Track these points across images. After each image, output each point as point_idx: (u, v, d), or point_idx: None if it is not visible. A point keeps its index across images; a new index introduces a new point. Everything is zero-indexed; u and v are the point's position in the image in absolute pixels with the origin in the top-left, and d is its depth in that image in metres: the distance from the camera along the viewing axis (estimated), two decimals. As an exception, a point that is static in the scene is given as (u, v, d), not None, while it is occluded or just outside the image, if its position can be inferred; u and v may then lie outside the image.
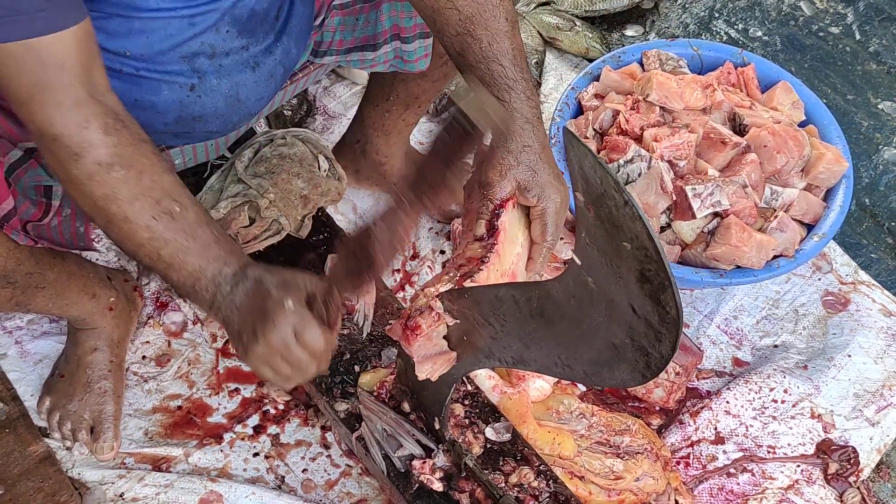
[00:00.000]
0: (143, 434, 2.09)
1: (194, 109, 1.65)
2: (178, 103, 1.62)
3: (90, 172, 1.35)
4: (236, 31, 1.61)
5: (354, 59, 1.96)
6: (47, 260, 1.77)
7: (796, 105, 2.31)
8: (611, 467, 1.93)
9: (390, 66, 1.97)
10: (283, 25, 1.70)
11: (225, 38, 1.61)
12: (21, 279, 1.70)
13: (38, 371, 2.14)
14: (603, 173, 1.03)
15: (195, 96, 1.63)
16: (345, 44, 1.94)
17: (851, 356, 2.23)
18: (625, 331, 1.15)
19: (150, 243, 1.40)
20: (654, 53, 2.36)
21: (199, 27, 1.55)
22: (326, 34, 1.92)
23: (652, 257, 1.03)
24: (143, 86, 1.58)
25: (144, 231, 1.39)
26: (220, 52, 1.61)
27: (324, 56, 1.96)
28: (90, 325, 2.03)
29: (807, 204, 2.16)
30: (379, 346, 1.96)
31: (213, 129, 1.71)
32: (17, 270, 1.68)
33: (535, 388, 2.01)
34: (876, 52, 2.87)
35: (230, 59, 1.63)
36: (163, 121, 1.63)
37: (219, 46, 1.60)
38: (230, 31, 1.61)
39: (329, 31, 1.92)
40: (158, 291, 2.26)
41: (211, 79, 1.62)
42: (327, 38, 1.93)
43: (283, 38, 1.71)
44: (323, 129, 2.59)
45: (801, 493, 2.05)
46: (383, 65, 1.96)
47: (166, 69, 1.57)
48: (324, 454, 2.07)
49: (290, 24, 1.72)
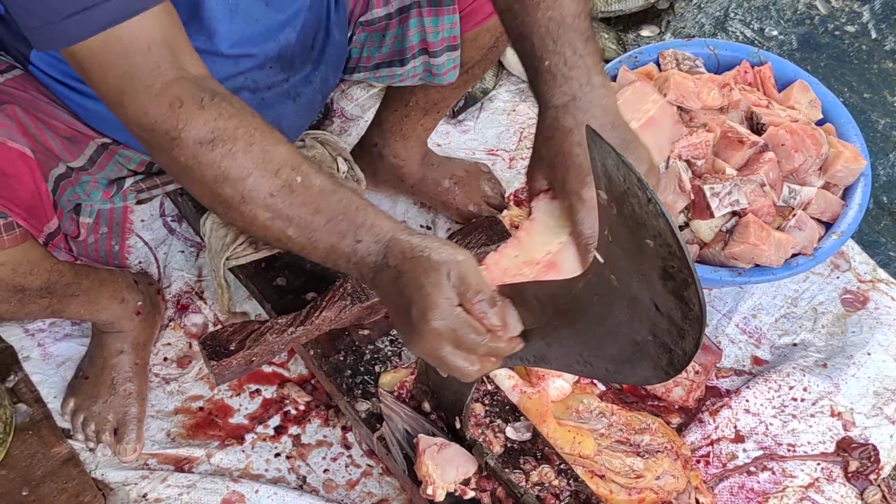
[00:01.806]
0: (166, 435, 2.09)
1: None
2: None
3: (193, 154, 1.25)
4: (279, 67, 1.62)
5: (383, 75, 1.96)
6: (84, 269, 1.78)
7: (813, 104, 2.30)
8: (631, 466, 1.93)
9: (419, 79, 1.96)
10: (319, 54, 1.71)
11: (268, 74, 1.62)
12: (60, 289, 1.71)
13: (60, 373, 2.14)
14: (626, 171, 1.03)
15: None
16: (372, 60, 1.94)
17: (871, 354, 2.22)
18: (647, 328, 1.15)
19: (275, 224, 1.28)
20: (671, 53, 2.36)
21: (243, 66, 1.55)
22: (354, 51, 1.92)
23: (675, 254, 1.03)
24: None
25: (264, 210, 1.27)
26: (262, 87, 1.61)
27: (353, 73, 1.96)
28: (117, 329, 2.04)
29: (825, 202, 2.16)
30: (399, 345, 1.97)
31: None
32: (58, 282, 1.69)
33: (554, 387, 2.01)
34: (892, 50, 2.86)
35: (272, 93, 1.63)
36: None
37: (262, 81, 1.60)
38: (273, 68, 1.61)
39: (356, 48, 1.92)
40: (179, 294, 2.27)
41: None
42: (355, 55, 1.93)
43: (320, 66, 1.71)
44: (340, 131, 2.59)
45: (821, 491, 2.04)
46: (412, 79, 1.95)
47: None
48: (345, 454, 2.07)
49: (326, 52, 1.72)
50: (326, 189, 1.28)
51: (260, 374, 2.17)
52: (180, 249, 2.34)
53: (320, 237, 1.28)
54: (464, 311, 1.22)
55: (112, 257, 1.76)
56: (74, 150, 1.59)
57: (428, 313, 1.21)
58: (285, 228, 1.28)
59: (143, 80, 1.25)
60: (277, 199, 1.26)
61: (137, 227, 2.35)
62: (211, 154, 1.25)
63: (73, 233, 1.66)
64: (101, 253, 1.73)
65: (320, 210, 1.27)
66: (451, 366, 1.25)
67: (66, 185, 1.60)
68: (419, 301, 1.22)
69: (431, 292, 1.21)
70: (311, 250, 1.30)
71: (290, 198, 1.26)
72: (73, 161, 1.60)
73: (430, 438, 1.77)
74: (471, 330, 1.22)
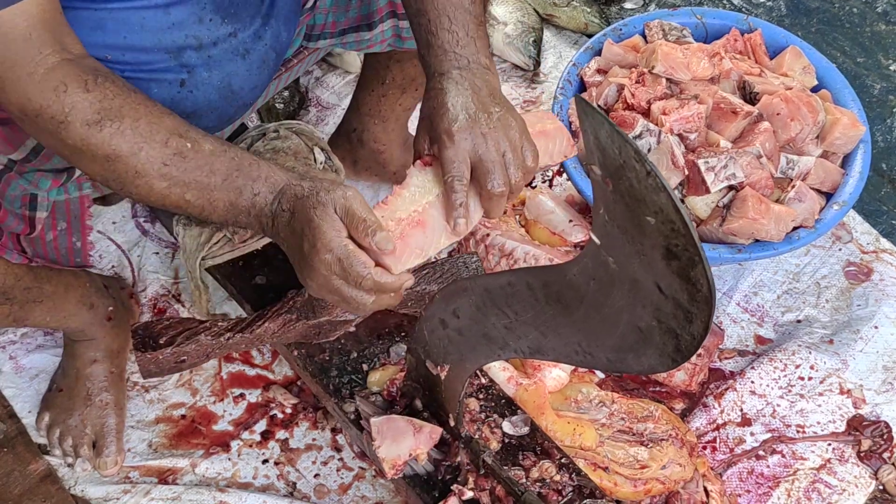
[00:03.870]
0: (147, 446, 2.03)
1: (187, 105, 1.57)
2: (169, 101, 1.54)
3: (82, 136, 1.28)
4: (220, 18, 1.54)
5: (350, 42, 1.89)
6: (45, 273, 1.72)
7: (807, 70, 2.24)
8: (635, 456, 1.88)
9: (388, 45, 1.89)
10: (269, 8, 1.63)
11: (209, 28, 1.53)
12: (19, 294, 1.65)
13: (34, 386, 2.08)
14: (622, 142, 0.96)
15: (186, 92, 1.56)
16: (338, 25, 1.87)
17: (878, 327, 2.16)
18: (651, 313, 1.08)
19: (173, 192, 1.33)
20: (657, 24, 2.29)
21: (178, 16, 1.48)
22: (319, 17, 1.85)
23: (679, 231, 0.96)
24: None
25: (160, 180, 1.32)
26: (206, 43, 1.54)
27: (317, 40, 1.90)
28: (88, 337, 1.97)
29: (824, 172, 2.09)
30: (387, 342, 1.90)
31: (208, 124, 1.64)
32: (15, 286, 1.63)
33: (551, 377, 1.96)
34: (884, 11, 2.79)
35: (218, 49, 1.56)
36: None
37: (204, 37, 1.53)
38: (213, 19, 1.53)
39: (321, 14, 1.85)
40: (156, 297, 2.20)
41: (201, 72, 1.55)
42: (320, 21, 1.86)
43: (270, 21, 1.64)
44: (317, 120, 2.52)
45: (833, 472, 1.99)
46: (380, 44, 1.89)
47: (152, 67, 1.50)
48: (335, 457, 2.02)
49: (276, 6, 1.65)
50: (217, 150, 1.34)
51: (243, 377, 2.11)
52: (154, 251, 2.27)
53: (218, 196, 1.34)
54: (351, 242, 1.29)
55: (74, 254, 1.71)
56: (14, 141, 1.52)
57: (317, 244, 1.29)
58: (183, 194, 1.33)
59: (24, 68, 1.27)
60: (171, 168, 1.31)
61: (109, 230, 2.29)
62: (100, 134, 1.28)
63: (24, 230, 1.60)
64: (62, 251, 1.68)
65: (215, 171, 1.33)
66: (344, 297, 1.32)
67: (9, 180, 1.54)
68: (309, 235, 1.30)
69: (320, 224, 1.29)
70: (211, 211, 1.35)
71: (182, 163, 1.32)
72: (13, 153, 1.53)
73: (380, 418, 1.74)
74: (357, 261, 1.29)
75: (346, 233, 1.29)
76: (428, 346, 1.59)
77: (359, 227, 1.29)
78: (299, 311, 1.77)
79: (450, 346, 1.53)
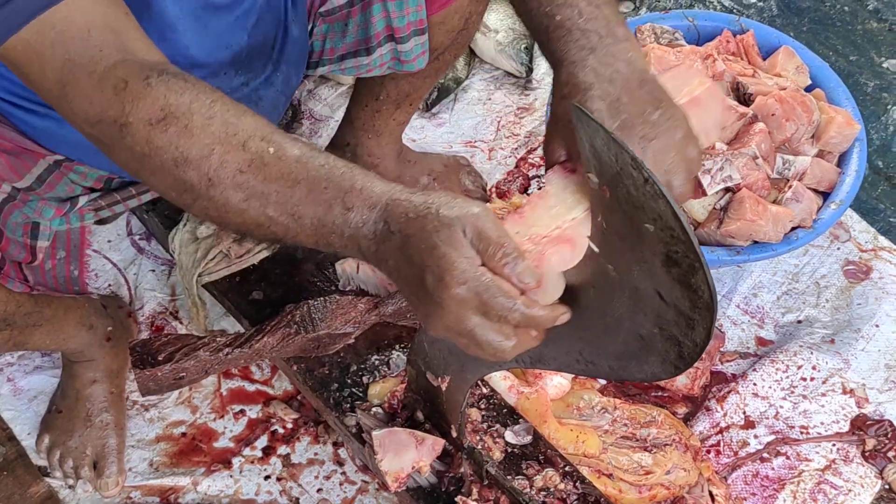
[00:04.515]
0: (148, 465, 2.01)
1: None
2: None
3: (146, 138, 1.11)
4: (234, 71, 1.53)
5: (349, 67, 1.87)
6: (44, 298, 1.70)
7: (800, 69, 2.23)
8: (639, 462, 1.86)
9: (387, 68, 1.87)
10: (279, 54, 1.62)
11: (223, 80, 1.52)
12: (20, 320, 1.63)
13: (33, 408, 2.06)
14: (618, 150, 0.95)
15: None
16: (336, 51, 1.85)
17: (879, 326, 2.15)
18: (652, 320, 1.07)
19: (251, 205, 1.12)
20: (649, 27, 2.28)
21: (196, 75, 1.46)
22: (316, 43, 1.83)
23: (678, 238, 0.95)
24: None
25: (236, 191, 1.12)
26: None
27: (317, 67, 1.88)
28: (87, 357, 1.96)
29: (821, 171, 2.08)
30: (387, 354, 1.89)
31: None
32: (16, 313, 1.61)
33: (553, 385, 1.94)
34: (875, 9, 2.79)
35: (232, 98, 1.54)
36: None
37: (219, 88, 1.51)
38: (228, 73, 1.52)
39: (318, 41, 1.83)
40: (153, 315, 2.19)
41: None
42: (317, 48, 1.84)
43: (281, 66, 1.63)
44: (310, 133, 2.51)
45: (839, 473, 1.97)
46: (379, 68, 1.86)
47: None
48: (338, 471, 2.00)
49: (286, 52, 1.64)
50: (304, 156, 1.12)
51: (243, 393, 2.10)
52: (151, 269, 2.26)
53: (304, 211, 1.11)
54: (488, 271, 1.05)
55: (71, 283, 1.68)
56: (20, 169, 1.50)
57: (446, 277, 1.04)
58: (263, 208, 1.12)
59: (84, 67, 1.13)
60: (248, 176, 1.11)
61: (104, 249, 2.27)
62: (165, 135, 1.11)
63: (26, 259, 1.58)
64: (61, 280, 1.66)
65: (300, 180, 1.11)
66: (481, 341, 1.07)
67: (12, 209, 1.51)
68: (433, 265, 1.05)
69: (447, 252, 1.04)
70: (297, 230, 1.13)
71: (263, 171, 1.11)
72: (19, 181, 1.51)
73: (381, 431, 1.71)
74: (499, 292, 1.04)
75: (480, 260, 1.05)
76: (428, 358, 1.58)
77: (496, 255, 1.04)
78: (298, 324, 1.76)
79: (450, 357, 1.52)
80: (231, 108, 1.14)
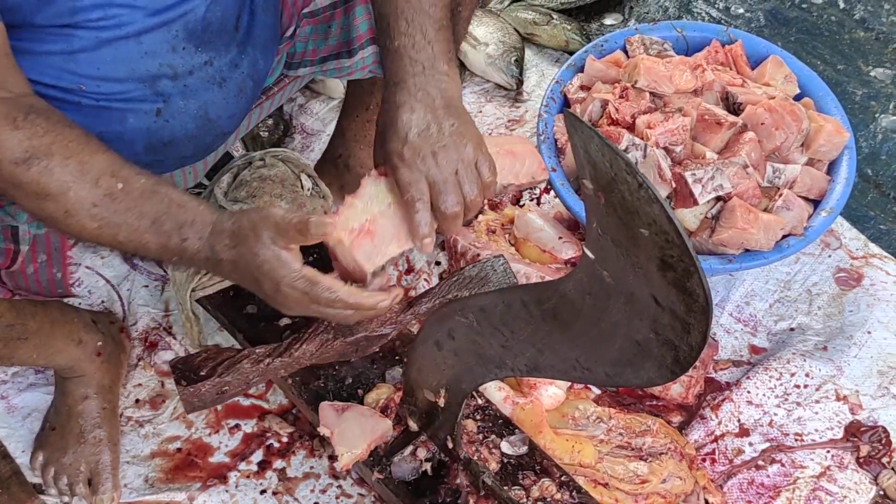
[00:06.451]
0: (144, 481, 2.00)
1: (163, 135, 1.56)
2: (145, 130, 1.53)
3: (10, 175, 1.26)
4: (194, 47, 1.53)
5: (331, 69, 1.88)
6: (28, 309, 1.69)
7: (789, 78, 2.24)
8: (635, 471, 1.87)
9: (369, 71, 1.88)
10: (245, 36, 1.62)
11: (184, 56, 1.52)
12: (2, 332, 1.63)
13: (27, 426, 2.05)
14: (612, 156, 0.95)
15: (162, 121, 1.55)
16: (318, 53, 1.86)
17: (871, 332, 2.16)
18: (648, 325, 1.07)
19: (104, 232, 1.31)
20: (638, 39, 2.29)
21: (150, 45, 1.47)
22: (299, 45, 1.84)
23: (673, 242, 0.96)
24: (106, 117, 1.49)
25: (91, 221, 1.30)
26: (182, 72, 1.53)
27: (297, 68, 1.89)
28: (78, 373, 1.95)
29: (811, 179, 2.09)
30: (382, 367, 1.89)
31: (186, 153, 1.63)
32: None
33: (548, 395, 1.95)
34: (862, 18, 2.81)
35: (194, 78, 1.55)
36: (132, 150, 1.54)
37: (179, 66, 1.52)
38: (187, 48, 1.52)
39: (301, 42, 1.84)
40: (147, 331, 2.18)
41: (177, 101, 1.54)
42: (300, 49, 1.85)
43: (247, 49, 1.63)
44: (303, 147, 2.51)
45: (833, 479, 1.97)
46: (361, 71, 1.88)
47: (127, 97, 1.49)
48: (334, 485, 1.99)
49: (252, 35, 1.64)
50: (147, 190, 1.32)
51: (238, 407, 2.09)
52: (144, 284, 2.25)
53: (149, 238, 1.32)
54: (308, 268, 1.30)
55: (55, 286, 1.68)
56: None
57: (276, 284, 1.29)
58: (115, 235, 1.32)
59: None
60: (101, 209, 1.29)
61: (97, 266, 2.27)
62: (28, 173, 1.26)
63: (4, 264, 1.58)
64: (44, 283, 1.66)
65: (144, 213, 1.31)
66: (327, 317, 1.36)
67: None
68: (264, 278, 1.30)
69: (266, 261, 1.28)
70: (144, 252, 1.34)
71: (112, 205, 1.30)
72: None
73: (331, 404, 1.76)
74: (321, 288, 1.30)
75: (296, 261, 1.29)
76: (423, 369, 1.58)
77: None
78: (336, 329, 1.75)
79: (445, 367, 1.52)
80: (86, 147, 1.30)
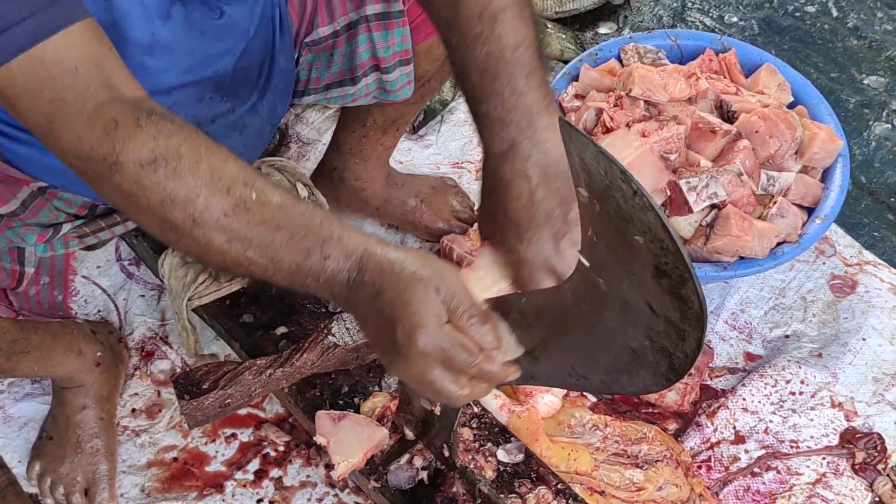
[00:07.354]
0: (140, 491, 2.00)
1: None
2: None
3: (136, 178, 1.14)
4: (220, 97, 1.53)
5: (334, 96, 1.88)
6: (31, 324, 1.69)
7: (783, 87, 2.25)
8: (631, 479, 1.87)
9: (373, 97, 1.88)
10: (265, 82, 1.63)
11: (209, 106, 1.52)
12: (6, 346, 1.63)
13: (24, 435, 2.05)
14: (607, 164, 0.96)
15: None
16: (322, 81, 1.86)
17: (866, 339, 2.16)
18: (643, 332, 1.08)
19: (233, 246, 1.16)
20: (632, 47, 2.30)
21: (179, 98, 1.46)
22: (302, 73, 1.84)
23: (668, 249, 0.96)
24: None
25: (219, 233, 1.15)
26: (204, 121, 1.52)
27: (302, 96, 1.89)
28: (77, 383, 1.95)
29: (805, 187, 2.10)
30: (378, 375, 1.89)
31: None
32: (2, 339, 1.61)
33: (544, 403, 1.95)
34: (855, 27, 2.82)
35: (217, 125, 1.54)
36: None
37: (203, 115, 1.51)
38: (213, 98, 1.52)
39: (304, 70, 1.84)
40: (143, 340, 2.18)
41: None
42: (303, 77, 1.85)
43: (267, 94, 1.63)
44: (298, 157, 2.51)
45: (829, 486, 1.97)
46: (365, 97, 1.87)
47: None
48: (330, 494, 1.99)
49: (273, 80, 1.64)
50: (286, 204, 1.18)
51: (234, 416, 2.09)
52: (140, 294, 2.25)
53: (283, 256, 1.17)
54: (454, 328, 1.15)
55: (55, 308, 1.68)
56: (4, 195, 1.50)
57: (416, 333, 1.13)
58: (244, 250, 1.17)
59: (72, 104, 1.14)
60: (232, 219, 1.15)
61: (93, 275, 2.27)
62: (154, 176, 1.14)
63: (10, 285, 1.57)
64: (45, 305, 1.65)
65: (281, 226, 1.16)
66: (438, 389, 1.17)
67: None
68: (405, 320, 1.14)
69: (419, 310, 1.13)
70: (275, 272, 1.19)
71: (245, 216, 1.15)
72: (3, 206, 1.51)
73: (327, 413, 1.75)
74: (462, 349, 1.14)
75: (447, 318, 1.15)
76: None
77: (464, 318, 1.15)
78: (336, 337, 1.75)
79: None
80: (216, 152, 1.17)
